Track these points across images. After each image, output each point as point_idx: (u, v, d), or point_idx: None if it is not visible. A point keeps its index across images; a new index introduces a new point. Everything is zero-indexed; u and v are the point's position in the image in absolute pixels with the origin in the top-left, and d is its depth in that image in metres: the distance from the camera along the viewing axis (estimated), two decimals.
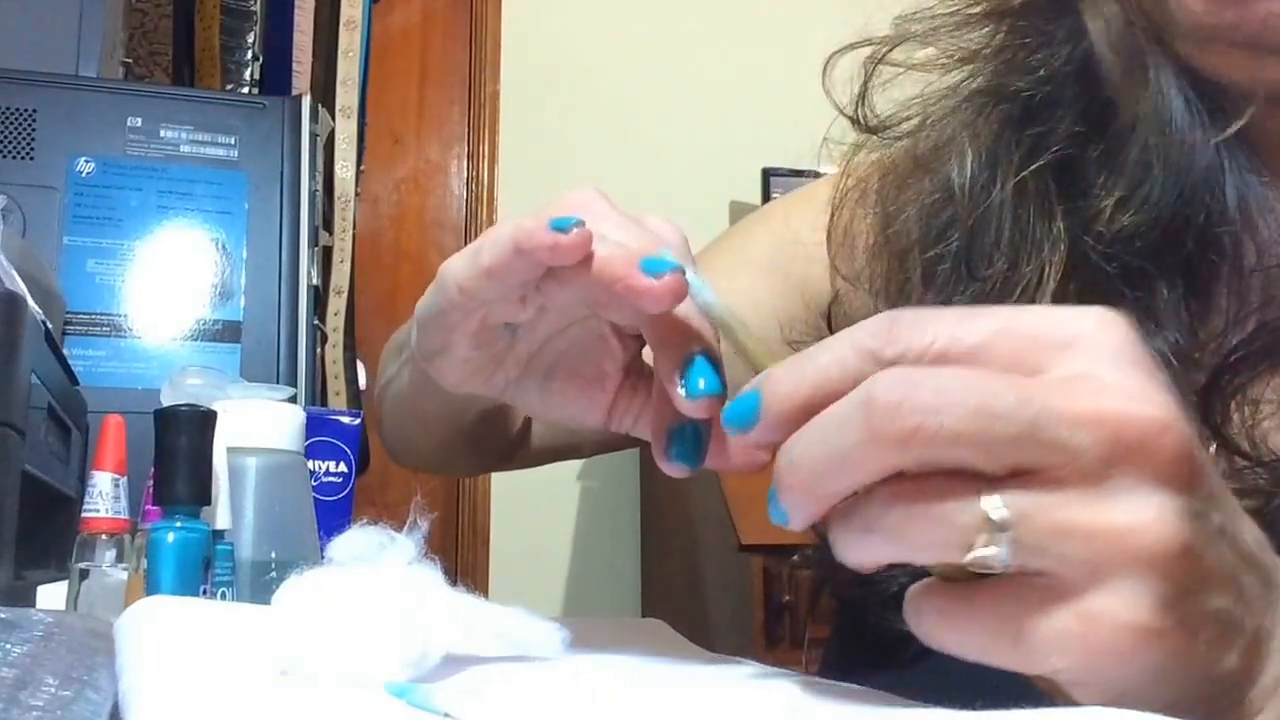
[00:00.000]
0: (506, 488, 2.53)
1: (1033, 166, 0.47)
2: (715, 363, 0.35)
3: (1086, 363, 0.27)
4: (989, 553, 0.26)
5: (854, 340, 0.28)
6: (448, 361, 0.40)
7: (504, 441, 0.64)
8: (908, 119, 0.54)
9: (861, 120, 0.55)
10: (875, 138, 0.55)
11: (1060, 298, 0.45)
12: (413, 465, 0.69)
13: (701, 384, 0.34)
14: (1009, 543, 0.26)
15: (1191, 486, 0.26)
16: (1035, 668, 0.27)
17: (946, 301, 0.48)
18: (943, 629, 0.28)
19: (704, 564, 2.20)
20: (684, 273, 0.34)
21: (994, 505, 0.26)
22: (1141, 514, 0.26)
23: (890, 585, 0.46)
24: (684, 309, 0.35)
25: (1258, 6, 0.40)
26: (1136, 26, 0.43)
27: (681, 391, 0.34)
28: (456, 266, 0.37)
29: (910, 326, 0.28)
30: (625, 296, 0.34)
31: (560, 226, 0.33)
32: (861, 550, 0.28)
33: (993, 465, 0.26)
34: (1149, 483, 0.26)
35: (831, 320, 0.57)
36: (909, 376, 0.26)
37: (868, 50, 0.54)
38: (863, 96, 0.54)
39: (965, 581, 0.28)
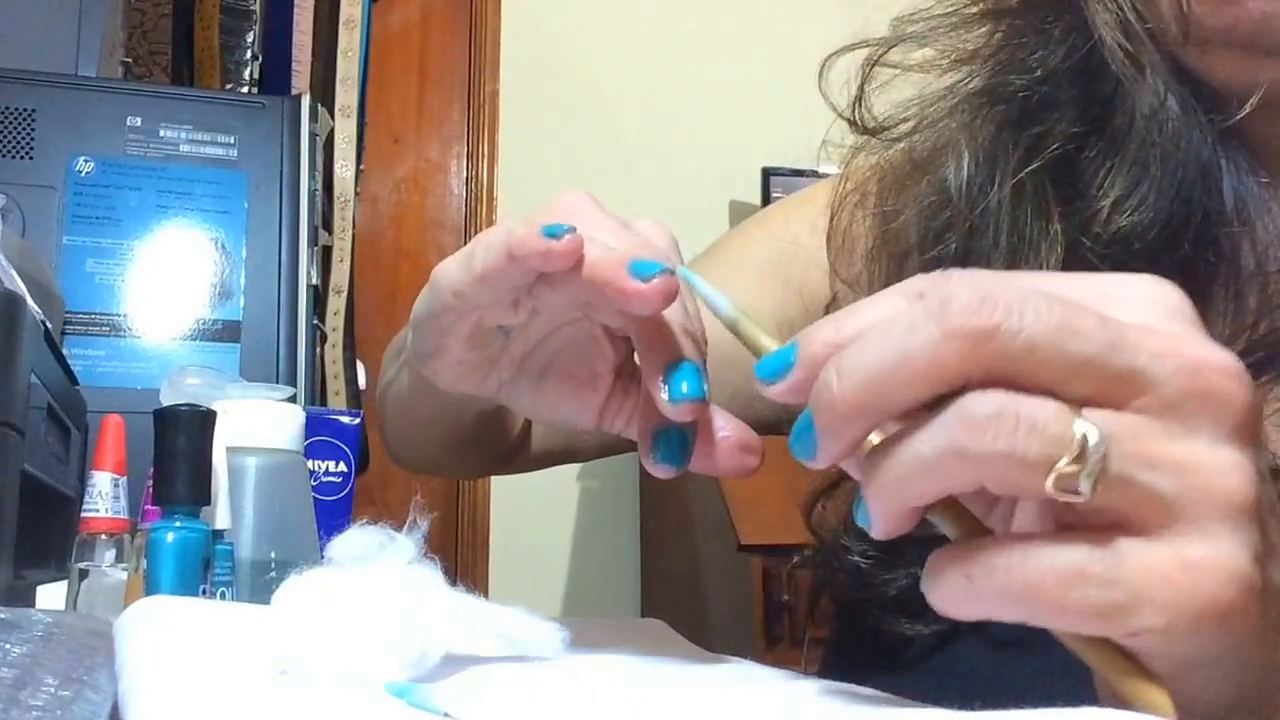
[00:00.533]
0: (506, 488, 2.53)
1: (1030, 168, 0.47)
2: (699, 368, 0.35)
3: (1145, 315, 0.26)
4: (1073, 471, 0.24)
5: (903, 287, 0.27)
6: (442, 363, 0.40)
7: (503, 444, 0.64)
8: (905, 120, 0.54)
9: (859, 122, 0.55)
10: (874, 140, 0.55)
11: None
12: (414, 467, 0.69)
13: (684, 388, 0.34)
14: (1098, 466, 0.24)
15: (1257, 444, 0.26)
16: (1121, 627, 0.25)
17: None
18: (969, 589, 0.25)
19: (703, 564, 2.20)
20: (672, 274, 0.34)
21: (1085, 424, 0.24)
22: (1226, 458, 0.25)
23: (889, 588, 0.46)
24: (671, 314, 0.35)
25: (1253, 6, 0.40)
26: (1133, 27, 0.43)
27: (665, 395, 0.34)
28: (450, 270, 0.37)
29: (962, 276, 0.26)
30: (614, 299, 0.34)
31: (552, 233, 0.33)
32: (924, 468, 0.25)
33: (1070, 386, 0.24)
34: (1227, 428, 0.25)
35: None
36: (987, 279, 0.25)
37: (865, 51, 0.54)
38: (860, 98, 0.54)
39: (1005, 537, 0.25)
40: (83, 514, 0.57)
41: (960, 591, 0.25)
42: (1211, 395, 0.25)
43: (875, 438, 0.27)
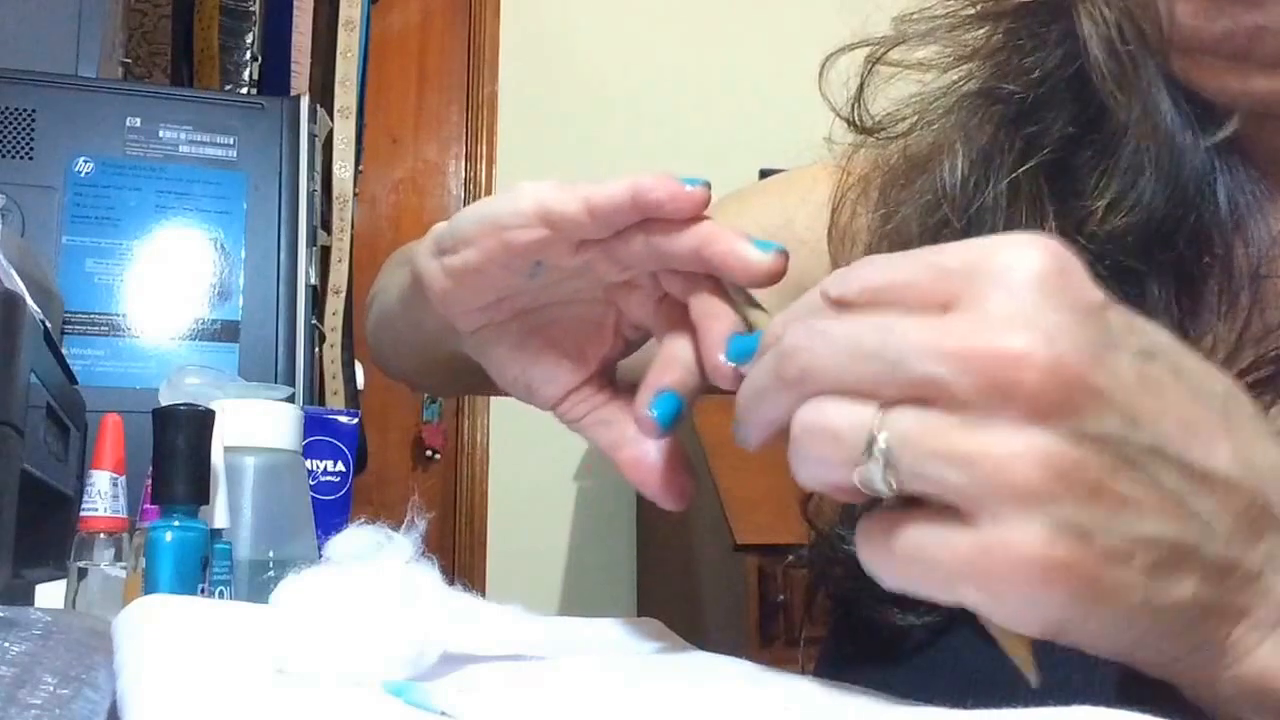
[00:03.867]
0: (504, 488, 2.54)
1: (1025, 167, 0.47)
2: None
3: (991, 293, 0.27)
4: (869, 471, 0.28)
5: (820, 285, 0.31)
6: (459, 260, 0.39)
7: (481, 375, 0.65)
8: (904, 119, 0.54)
9: (857, 122, 0.55)
10: (872, 138, 0.55)
11: None
12: (394, 377, 0.68)
13: (739, 356, 0.36)
14: (888, 463, 0.27)
15: (1070, 413, 0.26)
16: (950, 597, 0.28)
17: None
18: (871, 556, 0.29)
19: (699, 564, 2.20)
20: (785, 255, 0.36)
21: (876, 426, 0.28)
22: (1012, 445, 0.26)
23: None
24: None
25: (1245, 19, 0.40)
26: (1128, 33, 0.43)
27: (722, 356, 0.36)
28: (544, 189, 0.37)
29: (854, 271, 0.30)
30: (733, 265, 0.36)
31: (691, 182, 0.36)
32: (792, 465, 0.30)
33: (882, 393, 0.28)
34: (1017, 415, 0.26)
35: None
36: (810, 326, 0.30)
37: (862, 51, 0.54)
38: (859, 98, 0.54)
39: (894, 511, 0.29)
40: (81, 513, 0.57)
41: (866, 557, 0.30)
42: (997, 386, 0.26)
43: None
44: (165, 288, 1.07)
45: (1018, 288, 0.27)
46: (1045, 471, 0.26)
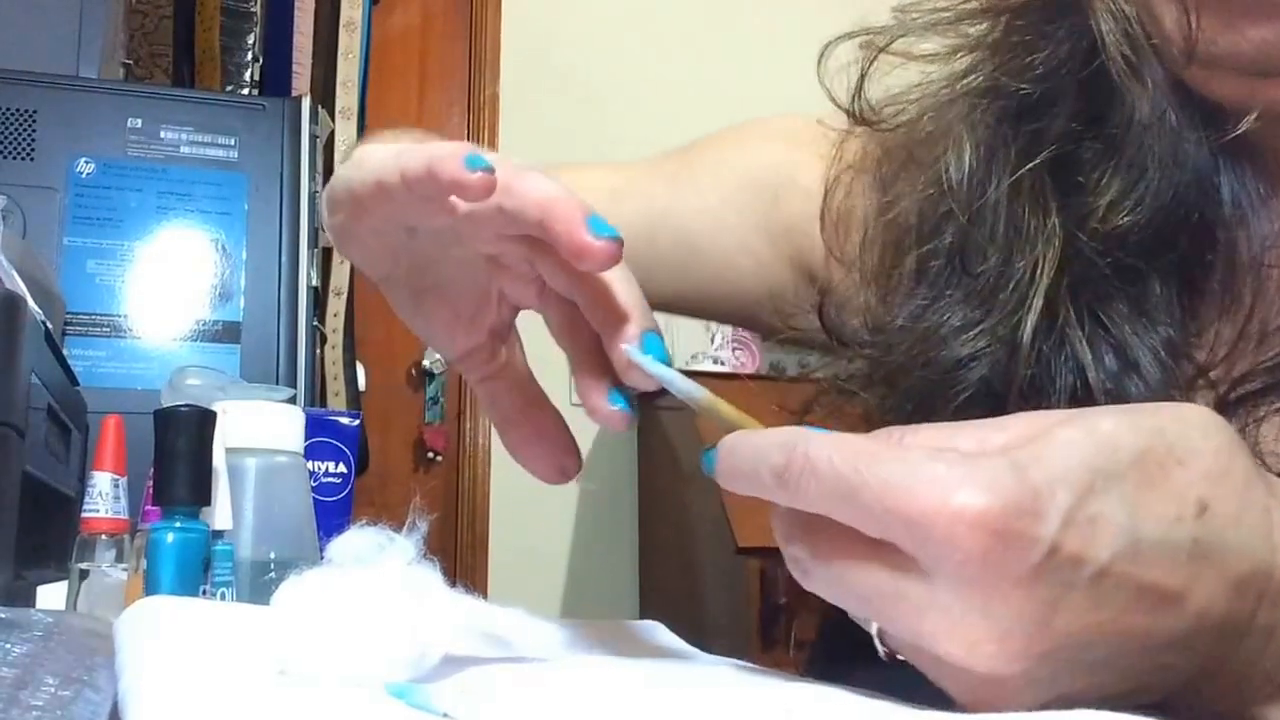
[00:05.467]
0: (505, 489, 2.54)
1: (1029, 166, 0.47)
2: (660, 337, 0.37)
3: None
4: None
5: (772, 469, 0.32)
6: (337, 222, 0.41)
7: None
8: (904, 110, 0.54)
9: (857, 113, 0.55)
10: (870, 130, 0.55)
11: (1053, 293, 0.45)
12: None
13: (653, 352, 0.37)
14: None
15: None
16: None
17: (938, 296, 0.49)
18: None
19: (701, 566, 2.20)
20: (620, 242, 0.35)
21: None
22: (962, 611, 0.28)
23: None
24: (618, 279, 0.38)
25: (1250, 33, 0.40)
26: (1138, 39, 0.43)
27: (636, 358, 0.37)
28: (378, 157, 0.37)
29: (799, 480, 0.31)
30: (567, 245, 0.35)
31: (473, 165, 0.34)
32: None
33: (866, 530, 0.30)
34: (967, 575, 0.28)
35: (823, 312, 0.56)
36: (834, 461, 0.30)
37: (860, 41, 0.54)
38: (860, 90, 0.54)
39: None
40: (83, 514, 0.57)
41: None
42: (953, 553, 0.27)
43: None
44: (166, 289, 1.07)
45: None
46: (994, 634, 0.28)
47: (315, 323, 1.18)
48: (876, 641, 0.32)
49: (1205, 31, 0.41)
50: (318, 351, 1.44)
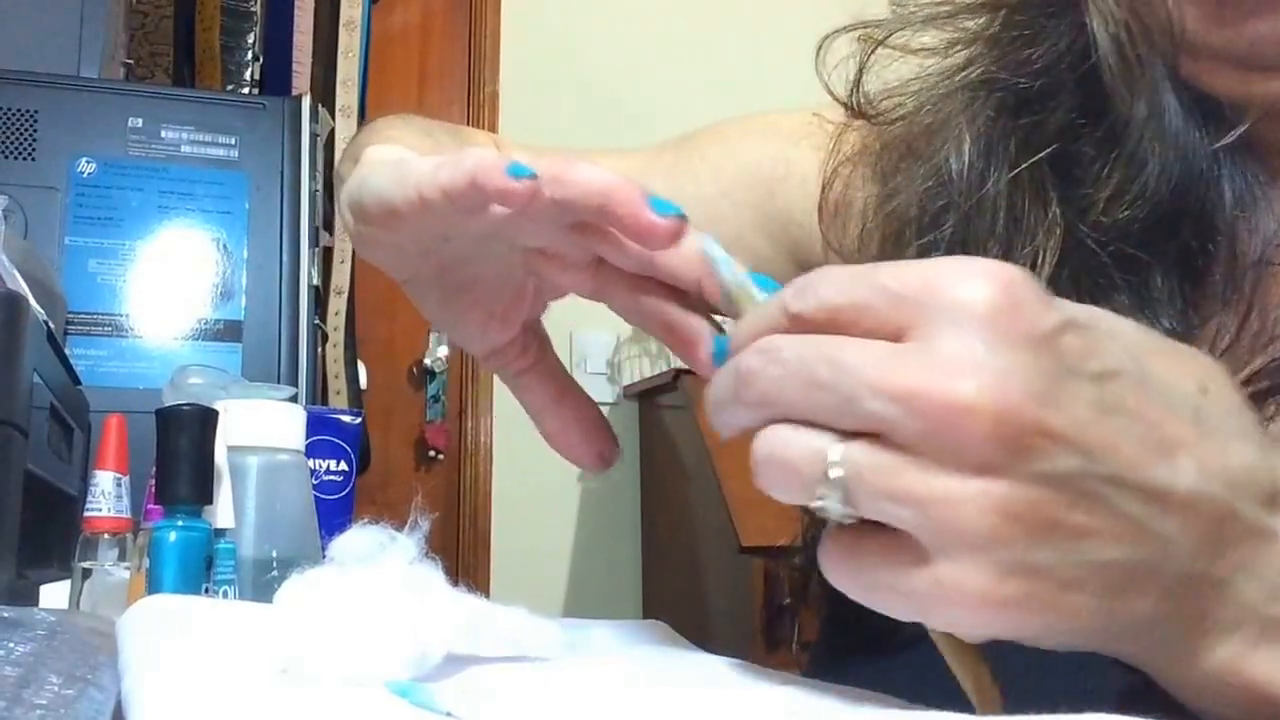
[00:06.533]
0: (508, 488, 2.54)
1: (1028, 161, 0.47)
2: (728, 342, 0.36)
3: (942, 329, 0.27)
4: (825, 503, 0.28)
5: (781, 296, 0.31)
6: (369, 232, 0.40)
7: None
8: (902, 103, 0.54)
9: (856, 107, 0.55)
10: (868, 123, 0.55)
11: (1054, 284, 0.45)
12: None
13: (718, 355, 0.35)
14: (842, 496, 0.28)
15: (1022, 459, 0.26)
16: (914, 618, 0.29)
17: None
18: (836, 578, 0.30)
19: (704, 566, 2.20)
20: (685, 219, 0.35)
21: (833, 459, 0.28)
22: (962, 491, 0.26)
23: None
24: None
25: (1246, 28, 0.40)
26: (1136, 32, 0.43)
27: (707, 354, 0.36)
28: (422, 169, 0.37)
29: (814, 286, 0.30)
30: (632, 226, 0.35)
31: (516, 173, 0.34)
32: (757, 483, 0.31)
33: (840, 423, 0.28)
34: (966, 465, 0.27)
35: None
36: (769, 347, 0.30)
37: (857, 34, 0.54)
38: (858, 84, 0.54)
39: (859, 529, 0.29)
40: (85, 513, 0.57)
41: (832, 577, 0.30)
42: (942, 432, 0.26)
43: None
44: (168, 288, 1.07)
45: (967, 325, 0.27)
46: (996, 517, 0.26)
47: (316, 321, 1.18)
48: (831, 491, 0.29)
49: (1199, 25, 0.41)
50: (319, 350, 1.44)
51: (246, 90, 1.69)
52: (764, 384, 0.29)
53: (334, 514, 0.73)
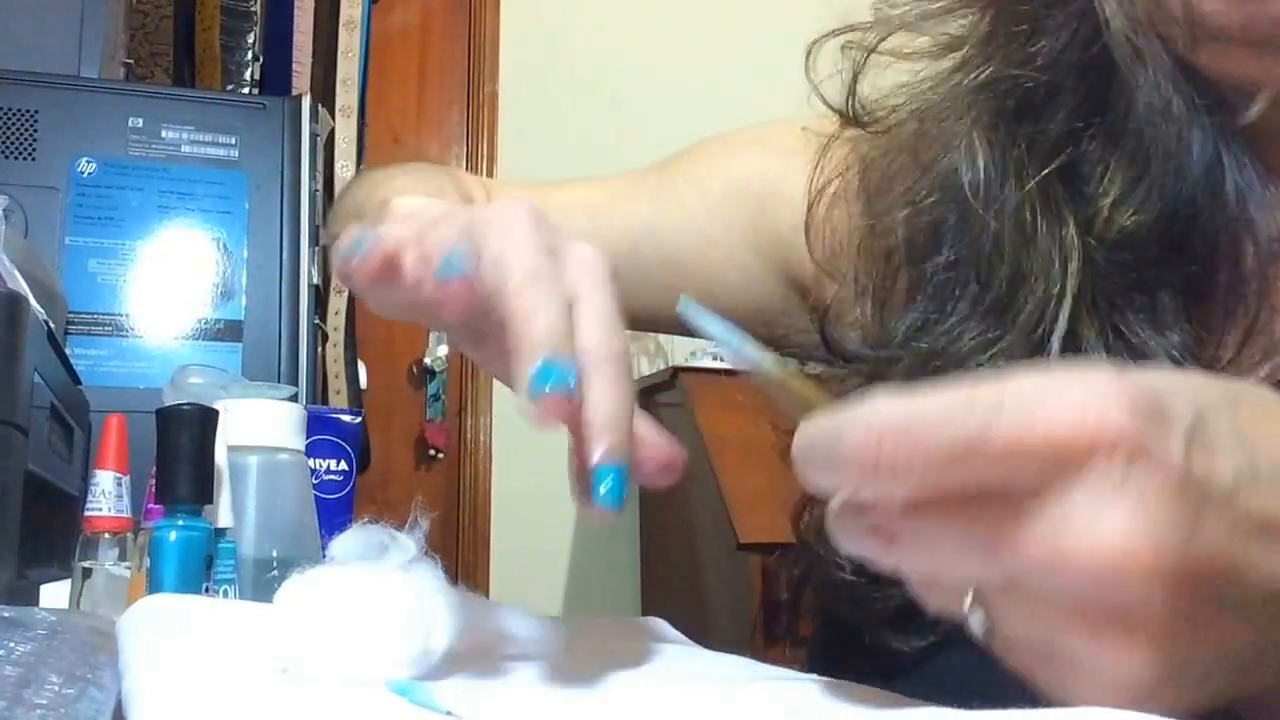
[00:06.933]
0: (507, 487, 2.54)
1: (1038, 174, 0.46)
2: (624, 474, 0.35)
3: (1068, 489, 0.26)
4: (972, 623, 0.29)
5: (851, 446, 0.28)
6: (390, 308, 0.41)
7: None
8: (893, 112, 0.53)
9: (850, 114, 0.54)
10: (861, 131, 0.54)
11: (1075, 308, 0.44)
12: None
13: (603, 492, 0.35)
14: (985, 629, 0.28)
15: (1181, 600, 0.26)
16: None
17: (942, 310, 0.48)
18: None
19: (703, 563, 2.20)
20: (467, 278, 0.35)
21: (971, 603, 0.28)
22: (1124, 659, 0.27)
23: (881, 605, 0.45)
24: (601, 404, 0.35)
25: (1270, 6, 0.39)
26: (1141, 19, 0.43)
27: (592, 498, 0.35)
28: (336, 253, 0.39)
29: (894, 454, 0.27)
30: (423, 303, 0.36)
31: (349, 254, 0.37)
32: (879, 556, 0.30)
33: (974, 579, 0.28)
34: (1126, 624, 0.26)
35: (825, 333, 0.55)
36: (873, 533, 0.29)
37: (847, 44, 0.52)
38: (853, 90, 0.53)
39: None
40: (86, 513, 0.57)
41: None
42: (1104, 600, 0.26)
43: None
44: (168, 288, 1.07)
45: (1098, 487, 0.26)
46: (1160, 655, 0.26)
47: (316, 321, 1.18)
48: (973, 621, 0.28)
49: (1220, 5, 0.40)
50: (319, 349, 1.44)
51: (246, 90, 1.69)
52: (896, 558, 0.29)
53: (334, 513, 0.73)
